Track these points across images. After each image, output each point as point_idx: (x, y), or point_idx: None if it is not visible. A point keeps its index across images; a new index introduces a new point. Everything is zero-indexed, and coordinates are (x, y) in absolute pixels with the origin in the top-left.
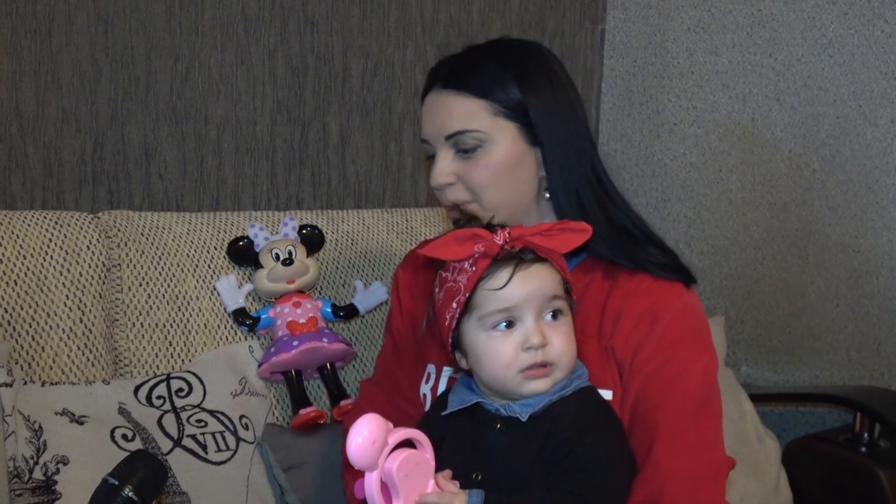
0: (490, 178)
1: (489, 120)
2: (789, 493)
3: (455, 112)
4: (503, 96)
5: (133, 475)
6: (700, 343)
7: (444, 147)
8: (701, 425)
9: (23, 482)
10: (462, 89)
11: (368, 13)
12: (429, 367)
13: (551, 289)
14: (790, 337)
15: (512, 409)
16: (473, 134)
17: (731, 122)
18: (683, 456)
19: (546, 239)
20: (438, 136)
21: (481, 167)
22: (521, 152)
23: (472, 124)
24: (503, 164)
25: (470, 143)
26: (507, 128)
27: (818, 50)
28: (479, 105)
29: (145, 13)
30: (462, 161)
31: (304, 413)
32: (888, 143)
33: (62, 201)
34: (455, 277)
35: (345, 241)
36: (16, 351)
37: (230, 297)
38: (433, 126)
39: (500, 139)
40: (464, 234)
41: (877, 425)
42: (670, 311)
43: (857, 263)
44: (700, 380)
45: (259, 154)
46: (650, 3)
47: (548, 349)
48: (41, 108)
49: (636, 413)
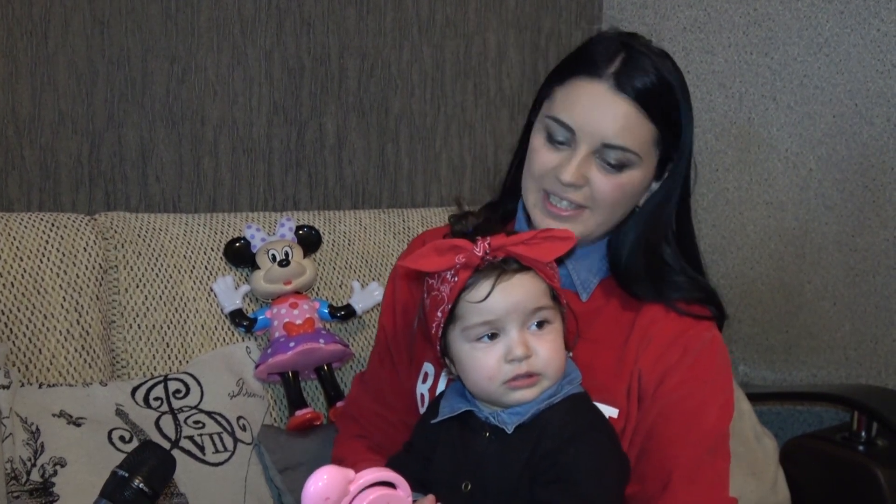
0: (619, 199)
1: (649, 148)
2: (787, 491)
3: (627, 126)
4: (669, 134)
5: (142, 466)
6: (724, 380)
7: (591, 148)
8: (717, 465)
9: (20, 484)
10: (643, 107)
11: (364, 14)
12: (425, 366)
13: (535, 299)
14: (787, 336)
15: (500, 419)
16: (633, 156)
17: (728, 121)
18: (699, 491)
19: (529, 248)
20: (594, 135)
21: (618, 186)
22: (649, 182)
23: (636, 146)
24: (636, 189)
25: (624, 161)
26: (654, 158)
27: (814, 49)
28: (649, 129)
29: (141, 15)
30: (600, 170)
31: (301, 414)
32: (884, 142)
33: (59, 203)
34: (439, 286)
35: (342, 242)
36: (13, 353)
37: (227, 298)
38: (592, 123)
39: (644, 167)
40: (444, 244)
41: (874, 424)
42: (700, 343)
43: (854, 262)
44: (719, 416)
45: (256, 155)
46: (646, 3)
47: (532, 360)
48: (37, 110)
49: (651, 439)
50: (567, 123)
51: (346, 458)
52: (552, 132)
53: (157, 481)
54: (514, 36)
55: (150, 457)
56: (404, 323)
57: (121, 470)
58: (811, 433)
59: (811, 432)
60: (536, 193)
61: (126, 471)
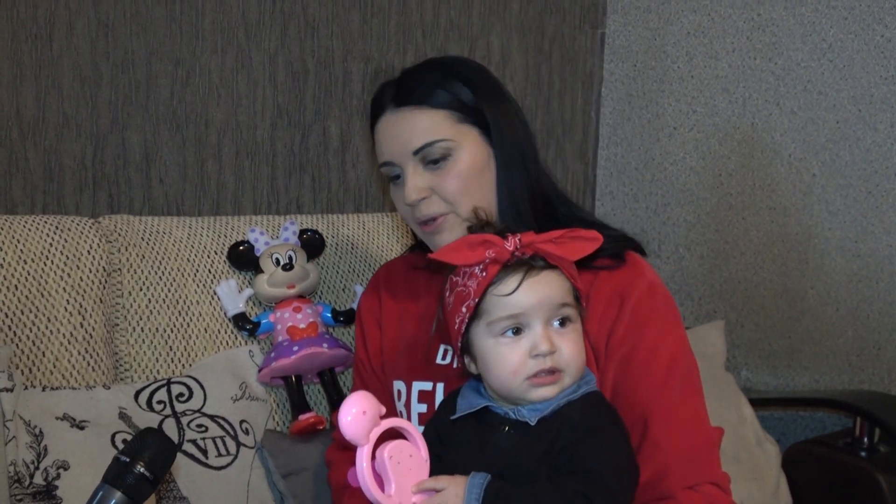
0: (464, 186)
1: (453, 128)
2: (789, 497)
3: (418, 126)
4: (459, 102)
5: (144, 452)
6: (669, 316)
7: (411, 163)
8: (690, 401)
9: (23, 487)
10: (419, 104)
11: (369, 17)
12: (396, 383)
13: (560, 296)
14: (790, 341)
15: (521, 413)
16: (441, 144)
17: (731, 126)
18: (680, 433)
19: (557, 246)
20: (404, 153)
21: (453, 176)
22: (486, 154)
23: (439, 134)
24: (473, 168)
25: (438, 154)
26: (470, 133)
27: (818, 54)
28: (440, 115)
29: (146, 18)
30: (432, 173)
31: (304, 419)
32: (888, 148)
33: (63, 206)
34: (465, 282)
35: (345, 246)
36: (16, 356)
37: (230, 301)
38: (396, 145)
39: (466, 145)
40: (475, 239)
41: (877, 430)
42: (637, 290)
43: (857, 268)
44: (674, 353)
45: (259, 158)
46: (650, 7)
47: (556, 356)
48: (42, 113)
49: (618, 394)
50: (384, 161)
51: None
52: (387, 175)
53: (158, 467)
54: (518, 40)
55: (151, 443)
56: (377, 350)
57: (123, 455)
58: (813, 439)
59: (813, 438)
60: (416, 227)
61: (128, 456)
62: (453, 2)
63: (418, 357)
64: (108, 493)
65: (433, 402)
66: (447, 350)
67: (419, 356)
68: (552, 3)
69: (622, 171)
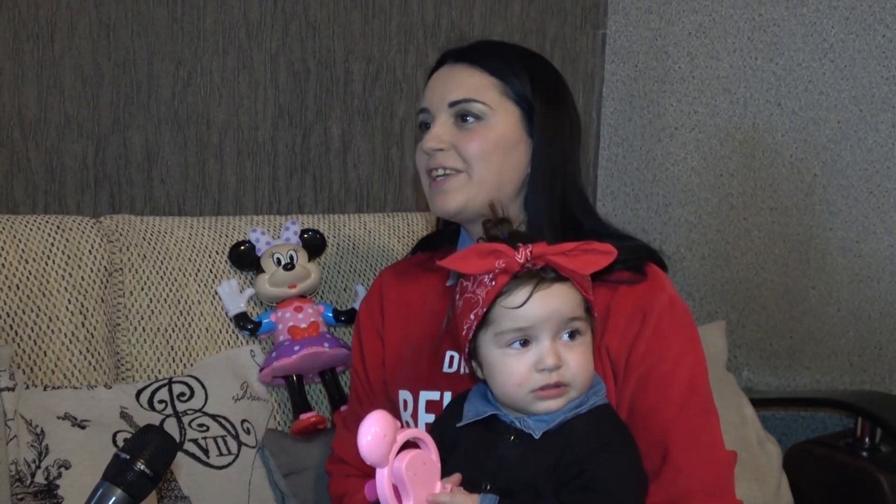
0: (485, 151)
1: (497, 97)
2: (790, 497)
3: (466, 83)
4: (515, 82)
5: (144, 449)
6: (688, 335)
7: (444, 114)
8: (710, 424)
9: (25, 486)
10: (476, 64)
11: (370, 18)
12: (402, 393)
13: (570, 310)
14: (791, 341)
15: (526, 424)
16: (478, 105)
17: (732, 126)
18: (701, 458)
19: (569, 259)
20: (442, 102)
21: (479, 138)
22: (517, 137)
23: (480, 96)
24: (500, 141)
25: (472, 112)
26: (511, 110)
27: (819, 55)
28: (490, 81)
29: (147, 18)
30: (460, 131)
31: (305, 418)
32: (889, 148)
33: (64, 206)
34: (474, 289)
35: (346, 246)
36: (18, 355)
37: (232, 301)
38: (437, 94)
39: (502, 117)
40: (485, 248)
41: (878, 430)
42: (659, 305)
43: (859, 268)
44: (693, 373)
45: (261, 158)
46: (651, 8)
47: (563, 370)
48: (43, 113)
49: (635, 411)
50: (423, 106)
51: (348, 490)
52: (420, 123)
53: (159, 464)
54: (519, 40)
55: (152, 440)
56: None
57: (123, 453)
58: (815, 439)
59: (815, 438)
60: (425, 178)
61: (128, 453)
62: (454, 2)
63: (424, 364)
64: (108, 491)
65: (441, 411)
66: (454, 357)
67: (425, 363)
68: (553, 4)
69: (623, 172)
